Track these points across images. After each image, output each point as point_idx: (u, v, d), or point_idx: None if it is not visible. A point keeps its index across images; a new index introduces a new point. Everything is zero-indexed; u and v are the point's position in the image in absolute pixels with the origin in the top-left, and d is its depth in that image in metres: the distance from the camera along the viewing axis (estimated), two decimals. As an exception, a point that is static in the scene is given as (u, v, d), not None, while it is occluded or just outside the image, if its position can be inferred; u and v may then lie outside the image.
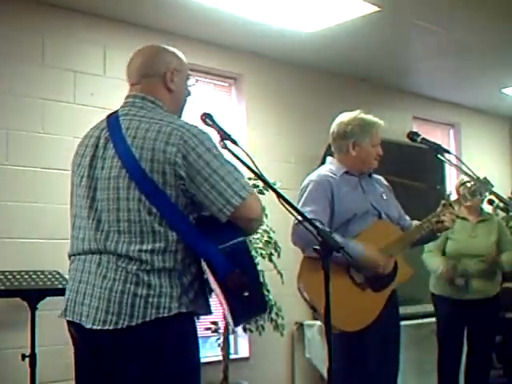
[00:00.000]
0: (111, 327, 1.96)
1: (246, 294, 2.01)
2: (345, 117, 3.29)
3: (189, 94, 2.34)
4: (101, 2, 4.61)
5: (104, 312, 1.98)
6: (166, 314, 1.98)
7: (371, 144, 3.23)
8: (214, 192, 2.00)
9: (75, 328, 2.08)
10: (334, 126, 3.30)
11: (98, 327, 1.98)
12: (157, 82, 2.21)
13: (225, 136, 2.19)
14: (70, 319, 2.08)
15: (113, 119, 2.16)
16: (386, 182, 3.43)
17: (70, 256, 2.17)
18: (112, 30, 4.87)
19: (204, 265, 2.07)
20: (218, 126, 2.22)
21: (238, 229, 2.05)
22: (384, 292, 3.10)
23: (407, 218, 3.38)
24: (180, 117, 2.28)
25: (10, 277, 3.91)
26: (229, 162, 2.06)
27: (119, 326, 1.96)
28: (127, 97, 2.23)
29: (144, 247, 2.00)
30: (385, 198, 3.29)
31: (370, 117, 3.28)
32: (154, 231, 2.00)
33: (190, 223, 2.04)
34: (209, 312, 2.16)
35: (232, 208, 2.00)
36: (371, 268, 3.03)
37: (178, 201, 2.02)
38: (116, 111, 2.20)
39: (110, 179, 2.06)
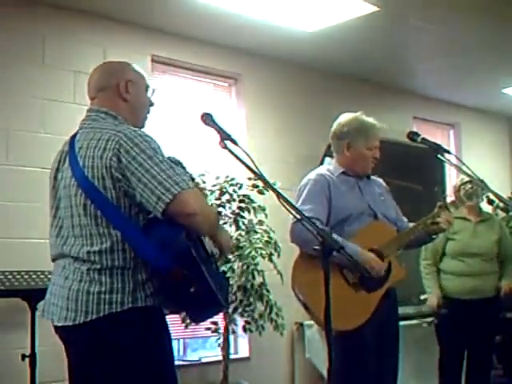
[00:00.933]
0: (70, 323, 2.12)
1: (192, 289, 2.05)
2: (344, 117, 3.30)
3: (151, 104, 2.46)
4: (101, 2, 4.62)
5: (65, 309, 2.14)
6: (119, 309, 2.09)
7: (366, 147, 3.23)
8: (147, 191, 2.06)
9: (54, 327, 2.24)
10: (333, 126, 3.32)
11: (61, 324, 2.15)
12: (111, 93, 2.32)
13: (225, 136, 2.21)
14: (46, 318, 2.25)
15: (75, 134, 2.31)
16: (384, 184, 3.43)
17: (52, 261, 2.35)
18: (112, 30, 4.87)
19: None
20: (217, 126, 2.23)
21: (181, 226, 2.08)
22: (377, 292, 3.10)
23: (405, 219, 3.39)
24: (143, 126, 2.40)
25: (9, 277, 3.91)
26: (165, 162, 2.11)
27: (77, 322, 2.10)
28: (86, 111, 2.35)
29: (93, 249, 2.13)
30: (382, 199, 3.30)
31: (368, 119, 3.28)
32: (99, 233, 2.13)
33: (132, 223, 2.12)
34: (177, 308, 2.25)
35: (163, 204, 2.04)
36: (365, 270, 3.03)
37: (120, 202, 2.12)
38: None
39: (65, 188, 2.23)
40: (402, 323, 3.36)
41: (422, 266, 4.80)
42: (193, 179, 2.57)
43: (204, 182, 4.86)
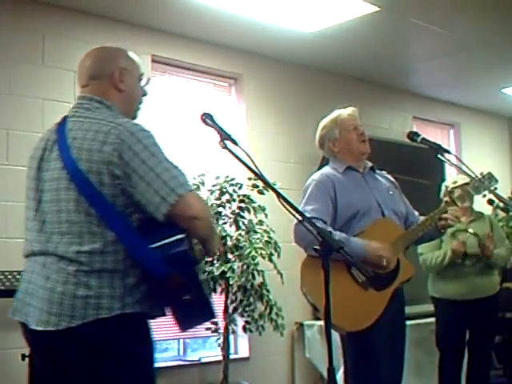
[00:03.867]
0: (53, 328, 1.96)
1: (187, 297, 1.98)
2: (316, 132, 3.40)
3: (144, 93, 2.31)
4: (101, 1, 4.62)
5: (46, 313, 1.97)
6: (106, 315, 1.95)
7: (345, 131, 3.27)
8: (150, 190, 1.95)
9: (24, 328, 2.08)
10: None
11: (41, 328, 1.98)
12: (105, 82, 2.20)
13: (225, 136, 2.19)
14: (18, 319, 2.08)
15: (62, 121, 2.16)
16: (392, 178, 3.42)
17: (24, 257, 2.17)
18: (112, 29, 4.87)
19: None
20: (218, 126, 2.21)
21: (180, 229, 1.98)
22: (386, 291, 3.07)
23: (416, 213, 3.37)
24: (135, 116, 2.26)
25: (9, 277, 3.91)
26: (168, 160, 2.02)
27: (60, 327, 1.95)
28: (77, 98, 2.21)
29: (82, 248, 1.98)
30: (391, 193, 3.29)
31: (332, 113, 3.36)
32: (91, 232, 1.99)
33: (127, 224, 2.00)
34: (163, 313, 2.11)
35: (168, 205, 1.94)
36: (374, 262, 3.01)
37: (115, 201, 1.99)
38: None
39: (52, 181, 2.06)
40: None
41: (422, 259, 4.73)
42: None
43: (203, 183, 4.87)
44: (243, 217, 4.87)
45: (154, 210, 1.97)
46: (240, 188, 4.88)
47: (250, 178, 4.91)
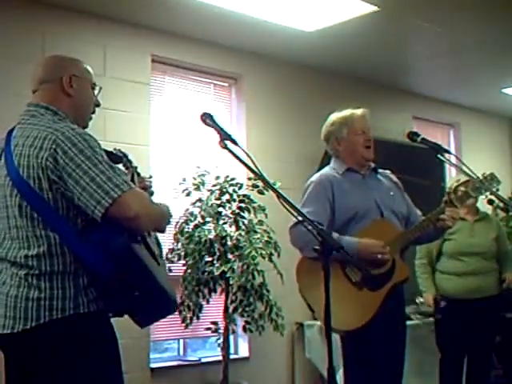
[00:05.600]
0: (8, 331, 2.01)
1: (137, 293, 2.00)
2: (324, 125, 3.38)
3: (97, 104, 2.34)
4: (101, 1, 4.62)
5: (2, 317, 2.03)
6: (59, 316, 1.99)
7: (353, 133, 3.26)
8: (85, 194, 1.97)
9: None
10: (321, 135, 3.39)
11: None
12: (54, 87, 2.21)
13: (225, 136, 2.19)
14: None
15: (11, 129, 2.20)
16: (395, 178, 3.42)
17: None
18: (112, 29, 4.87)
19: None
20: (218, 126, 2.21)
21: (122, 229, 1.99)
22: (381, 291, 3.07)
23: (418, 212, 3.37)
24: (86, 125, 2.28)
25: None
26: (104, 162, 2.02)
27: (15, 330, 2.00)
28: (26, 105, 2.24)
29: (30, 252, 2.02)
30: (391, 193, 3.28)
31: (344, 111, 3.34)
32: (36, 236, 2.03)
33: (69, 226, 2.02)
34: (121, 311, 2.11)
35: (102, 208, 1.95)
36: (368, 258, 2.99)
37: (57, 205, 2.02)
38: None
39: (0, 188, 2.10)
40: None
41: (416, 266, 4.79)
42: (138, 174, 2.46)
43: (203, 183, 4.87)
44: (243, 217, 4.86)
45: (91, 213, 1.99)
46: (240, 188, 4.88)
47: (249, 178, 4.91)
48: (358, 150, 3.25)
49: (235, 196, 4.85)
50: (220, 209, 4.82)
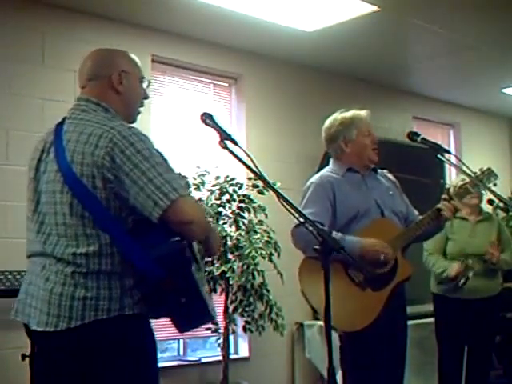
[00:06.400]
0: (51, 329, 1.98)
1: (183, 299, 1.98)
2: (327, 122, 3.33)
3: (145, 96, 2.31)
4: (101, 1, 4.62)
5: (45, 314, 2.00)
6: (104, 317, 1.97)
7: (361, 135, 3.24)
8: (142, 195, 1.95)
9: (27, 328, 2.10)
10: (322, 135, 3.34)
11: (41, 329, 2.00)
12: (103, 84, 2.18)
13: (225, 136, 2.19)
14: (20, 320, 2.10)
15: (61, 122, 2.16)
16: (392, 178, 3.42)
17: (26, 257, 2.18)
18: (112, 29, 4.87)
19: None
20: (218, 126, 2.21)
21: (175, 233, 1.97)
22: (384, 291, 3.07)
23: (416, 212, 3.37)
24: (135, 119, 2.27)
25: (9, 277, 3.91)
26: (162, 164, 2.01)
27: (59, 328, 1.97)
28: (76, 100, 2.21)
29: (79, 250, 1.99)
30: (391, 193, 3.29)
31: (350, 112, 3.30)
32: (86, 235, 2.00)
33: (121, 227, 2.00)
34: (162, 315, 2.11)
35: (160, 210, 1.93)
36: (371, 258, 3.00)
37: (109, 204, 1.99)
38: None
39: (48, 183, 2.07)
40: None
41: (426, 258, 4.72)
42: (184, 178, 2.48)
43: (203, 183, 4.87)
44: (243, 217, 4.87)
45: (147, 214, 1.96)
46: (240, 188, 4.88)
47: (250, 178, 4.91)
48: (366, 152, 3.24)
49: (235, 196, 4.86)
50: (220, 209, 4.82)
